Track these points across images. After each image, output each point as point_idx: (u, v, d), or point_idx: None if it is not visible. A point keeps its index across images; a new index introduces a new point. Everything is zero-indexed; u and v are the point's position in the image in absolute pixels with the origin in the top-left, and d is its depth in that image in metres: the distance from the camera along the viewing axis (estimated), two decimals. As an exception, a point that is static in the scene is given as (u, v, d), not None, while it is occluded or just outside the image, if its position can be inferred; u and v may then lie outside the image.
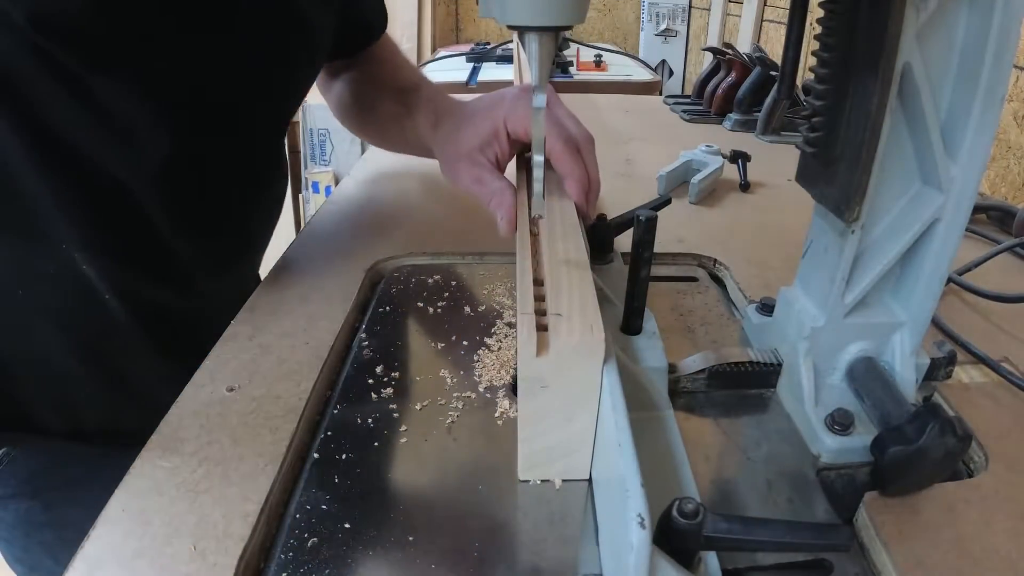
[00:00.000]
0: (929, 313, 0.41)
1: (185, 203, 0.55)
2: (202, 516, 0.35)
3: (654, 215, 0.42)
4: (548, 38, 0.33)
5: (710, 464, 0.41)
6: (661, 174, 0.83)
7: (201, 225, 0.58)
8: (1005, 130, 1.00)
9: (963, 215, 0.38)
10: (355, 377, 0.48)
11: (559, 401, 0.35)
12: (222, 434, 0.41)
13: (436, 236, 0.69)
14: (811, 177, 0.41)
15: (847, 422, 0.41)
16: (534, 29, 0.32)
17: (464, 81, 1.91)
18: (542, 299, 0.37)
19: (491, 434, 0.43)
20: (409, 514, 0.37)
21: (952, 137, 0.36)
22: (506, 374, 0.48)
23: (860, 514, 0.36)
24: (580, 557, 0.34)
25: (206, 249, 0.59)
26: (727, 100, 1.22)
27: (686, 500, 0.29)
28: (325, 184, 2.72)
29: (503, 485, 0.39)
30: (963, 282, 0.60)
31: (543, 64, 0.34)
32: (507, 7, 0.31)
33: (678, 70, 2.63)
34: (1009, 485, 0.39)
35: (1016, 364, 0.50)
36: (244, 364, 0.48)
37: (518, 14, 0.31)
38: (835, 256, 0.41)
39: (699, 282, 0.64)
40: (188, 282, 0.60)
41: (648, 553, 0.27)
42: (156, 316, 0.58)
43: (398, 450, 0.41)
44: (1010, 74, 0.34)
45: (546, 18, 0.31)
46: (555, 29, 0.33)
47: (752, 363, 0.47)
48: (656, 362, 0.44)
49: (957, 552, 0.34)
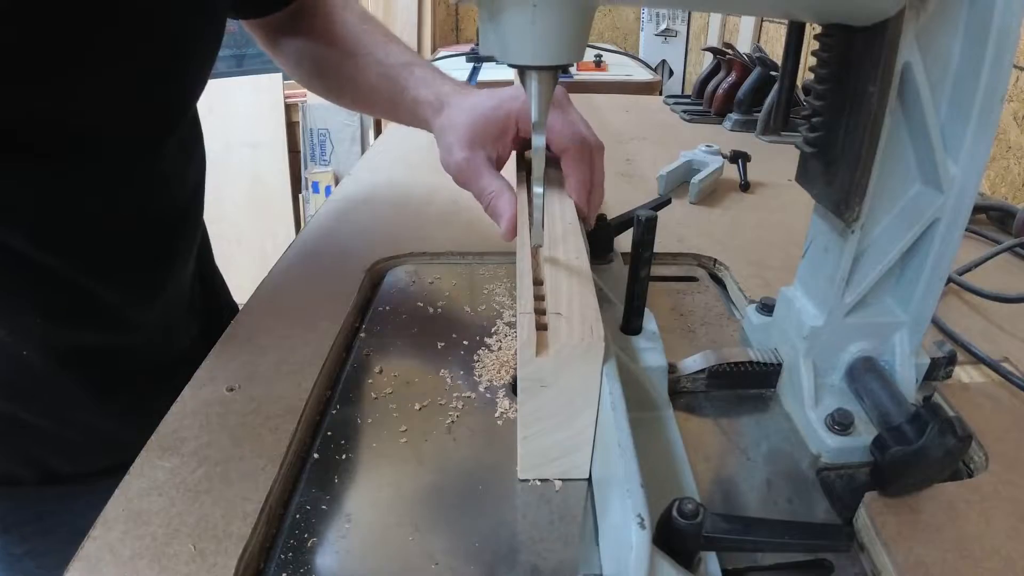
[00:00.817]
0: (929, 313, 0.41)
1: (78, 242, 0.50)
2: (202, 516, 0.35)
3: (654, 215, 0.42)
4: (547, 76, 0.34)
5: (710, 464, 0.41)
6: (661, 174, 0.83)
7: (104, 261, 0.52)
8: (1005, 130, 1.00)
9: (963, 215, 0.38)
10: (355, 377, 0.48)
11: (559, 401, 0.35)
12: (222, 434, 0.41)
13: (436, 236, 0.69)
14: (811, 177, 0.41)
15: (847, 422, 0.41)
16: (534, 68, 0.33)
17: (464, 81, 1.91)
18: (542, 299, 0.37)
19: (491, 434, 0.43)
20: (409, 514, 0.37)
21: (952, 137, 0.36)
22: (506, 374, 0.48)
23: (860, 514, 0.36)
24: (580, 557, 0.34)
25: (120, 283, 0.54)
26: (727, 100, 1.22)
27: (686, 500, 0.29)
28: (325, 184, 2.72)
29: (503, 485, 0.39)
30: (963, 282, 0.60)
31: (542, 102, 0.35)
32: (507, 47, 0.32)
33: (678, 70, 2.63)
34: (1009, 485, 0.39)
35: (1016, 364, 0.50)
36: (244, 364, 0.48)
37: (518, 55, 0.32)
38: (835, 256, 0.41)
39: (699, 282, 0.64)
40: (109, 320, 0.55)
41: (648, 553, 0.27)
42: (81, 361, 0.54)
43: (398, 450, 0.41)
44: (1010, 74, 0.34)
45: (545, 58, 0.32)
46: (554, 68, 0.33)
47: (752, 363, 0.47)
48: (656, 362, 0.44)
49: (957, 552, 0.34)
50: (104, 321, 0.54)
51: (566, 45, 0.31)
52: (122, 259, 0.54)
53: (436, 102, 0.57)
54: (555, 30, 0.31)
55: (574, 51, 0.32)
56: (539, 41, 0.31)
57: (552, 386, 0.35)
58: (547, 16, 0.30)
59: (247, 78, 2.69)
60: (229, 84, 2.69)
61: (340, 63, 0.65)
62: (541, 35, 0.31)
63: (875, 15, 0.32)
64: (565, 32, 0.31)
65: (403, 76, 0.60)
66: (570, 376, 0.35)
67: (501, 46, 0.32)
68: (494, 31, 0.32)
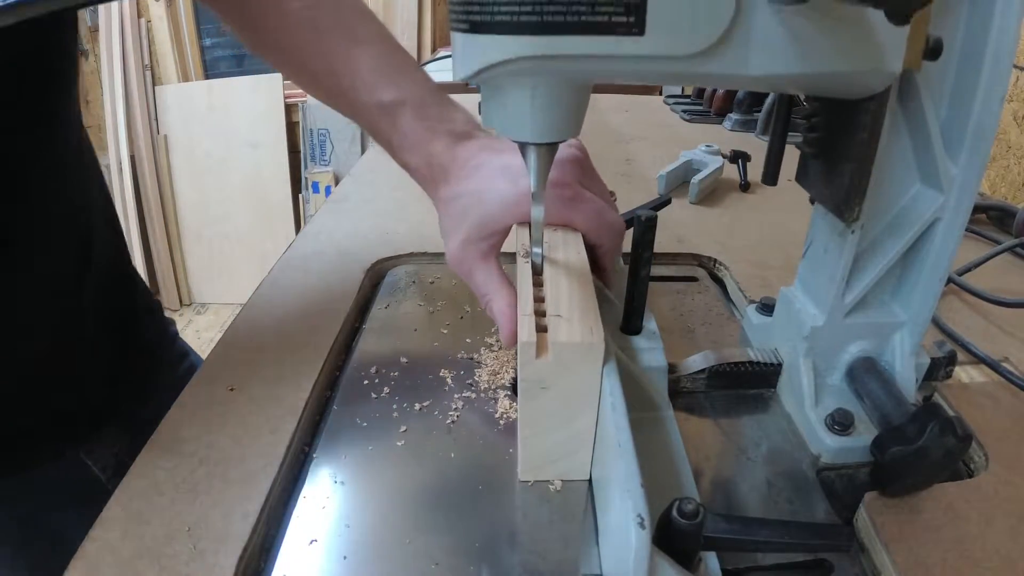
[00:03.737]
0: (929, 313, 0.41)
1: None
2: (202, 516, 0.35)
3: (654, 215, 0.42)
4: (546, 151, 0.35)
5: (710, 464, 0.41)
6: (661, 174, 0.83)
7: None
8: (1005, 130, 1.00)
9: (963, 215, 0.38)
10: (355, 377, 0.48)
11: (559, 402, 0.35)
12: (222, 434, 0.41)
13: (436, 236, 0.69)
14: (811, 177, 0.41)
15: (847, 422, 0.41)
16: (533, 144, 0.34)
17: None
18: (542, 300, 0.37)
19: (491, 434, 0.43)
20: (409, 514, 0.37)
21: (952, 137, 0.36)
22: (506, 374, 0.48)
23: (860, 514, 0.36)
24: (580, 557, 0.34)
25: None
26: (727, 100, 1.22)
27: (686, 500, 0.29)
28: (325, 184, 2.72)
29: (503, 485, 0.39)
30: (963, 283, 0.60)
31: (541, 175, 0.36)
32: (508, 123, 0.33)
33: (678, 70, 2.63)
34: (1009, 485, 0.39)
35: (1016, 364, 0.50)
36: (244, 364, 0.48)
37: (518, 131, 0.33)
38: (835, 256, 0.41)
39: (699, 282, 0.64)
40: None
41: (648, 553, 0.27)
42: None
43: (398, 451, 0.41)
44: (1010, 74, 0.34)
45: (544, 135, 0.33)
46: (552, 144, 0.34)
47: (752, 363, 0.47)
48: (656, 362, 0.44)
49: (957, 552, 0.34)
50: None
51: (564, 123, 0.33)
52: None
53: (429, 174, 0.48)
54: (553, 110, 0.32)
55: (571, 128, 0.34)
56: (538, 120, 0.32)
57: (552, 387, 0.35)
58: (545, 97, 0.31)
59: (247, 78, 2.69)
60: (229, 84, 2.70)
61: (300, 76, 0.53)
62: (540, 114, 0.32)
63: (862, 94, 0.34)
64: (562, 111, 0.32)
65: (384, 129, 0.49)
66: (570, 377, 0.35)
67: (501, 121, 0.33)
68: (495, 108, 0.33)
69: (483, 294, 0.44)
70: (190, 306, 2.88)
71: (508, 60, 0.28)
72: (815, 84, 0.34)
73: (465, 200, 0.45)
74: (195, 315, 2.83)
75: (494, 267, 0.44)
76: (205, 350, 0.53)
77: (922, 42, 0.32)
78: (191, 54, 2.77)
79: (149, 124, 2.64)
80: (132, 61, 2.57)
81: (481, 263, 0.44)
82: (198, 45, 2.79)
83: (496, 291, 0.43)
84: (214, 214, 2.79)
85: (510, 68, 0.28)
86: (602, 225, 0.45)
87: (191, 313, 2.84)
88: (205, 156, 2.72)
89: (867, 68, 0.31)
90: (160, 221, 2.73)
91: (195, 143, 2.72)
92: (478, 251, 0.44)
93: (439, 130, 0.48)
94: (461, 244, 0.45)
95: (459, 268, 0.45)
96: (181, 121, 2.70)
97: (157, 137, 2.69)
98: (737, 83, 0.32)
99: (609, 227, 0.45)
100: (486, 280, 0.44)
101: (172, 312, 2.82)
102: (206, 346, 2.45)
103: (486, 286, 0.44)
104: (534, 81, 0.31)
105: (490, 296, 0.43)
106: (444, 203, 0.47)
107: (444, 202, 0.47)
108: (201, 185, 2.76)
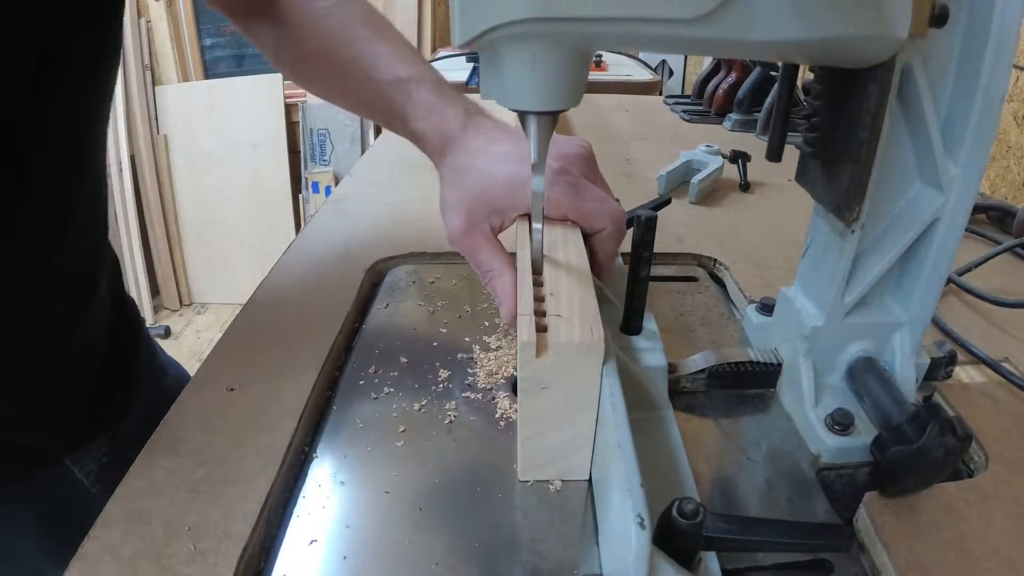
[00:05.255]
0: (929, 313, 0.41)
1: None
2: (202, 516, 0.35)
3: (654, 215, 0.42)
4: (546, 120, 0.35)
5: (710, 464, 0.41)
6: (661, 174, 0.83)
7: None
8: (1005, 130, 1.00)
9: (963, 215, 0.38)
10: (355, 377, 0.48)
11: (559, 402, 0.35)
12: (222, 434, 0.41)
13: (436, 236, 0.69)
14: (811, 177, 0.41)
15: (847, 422, 0.41)
16: (533, 113, 0.34)
17: (464, 81, 1.91)
18: (542, 300, 0.37)
19: (491, 434, 0.43)
20: (409, 514, 0.37)
21: (952, 137, 0.36)
22: (506, 374, 0.48)
23: (860, 514, 0.36)
24: (580, 557, 0.34)
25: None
26: (727, 100, 1.22)
27: (686, 500, 0.29)
28: (325, 184, 2.72)
29: (503, 485, 0.39)
30: (963, 284, 0.60)
31: (541, 145, 0.35)
32: (507, 92, 0.33)
33: (678, 70, 2.64)
34: (1009, 485, 0.39)
35: (1016, 364, 0.50)
36: (244, 364, 0.48)
37: (518, 100, 0.33)
38: (835, 256, 0.41)
39: (699, 282, 0.64)
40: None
41: (648, 553, 0.27)
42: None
43: (398, 450, 0.41)
44: (1010, 74, 0.34)
45: (545, 104, 0.33)
46: (553, 113, 0.34)
47: (752, 363, 0.47)
48: (656, 362, 0.44)
49: (957, 552, 0.34)
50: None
51: (564, 91, 0.33)
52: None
53: (439, 142, 0.49)
54: (554, 77, 0.32)
55: (572, 97, 0.33)
56: (538, 88, 0.32)
57: (552, 387, 0.35)
58: (546, 64, 0.31)
59: (247, 78, 2.69)
60: (229, 84, 2.70)
61: (319, 66, 0.56)
62: (540, 82, 0.32)
63: (868, 61, 0.33)
64: (563, 79, 0.32)
65: (398, 100, 0.51)
66: (570, 377, 0.35)
67: (500, 90, 0.33)
68: (494, 77, 0.33)
69: (486, 271, 0.45)
70: (190, 306, 2.88)
71: (511, 22, 0.28)
72: (820, 51, 0.34)
73: (473, 175, 0.46)
74: (195, 315, 2.83)
75: (498, 245, 0.46)
76: (205, 350, 0.53)
77: (928, 8, 0.31)
78: (191, 54, 2.77)
79: (149, 124, 2.64)
80: (132, 61, 2.57)
81: (485, 241, 0.45)
82: (198, 45, 2.79)
83: (499, 269, 0.44)
84: (214, 214, 2.79)
85: (512, 31, 0.28)
86: (604, 209, 0.45)
87: (191, 313, 2.84)
88: (205, 156, 2.72)
89: (873, 33, 0.30)
90: (160, 221, 2.73)
91: (195, 143, 2.72)
92: (482, 229, 0.45)
93: (454, 103, 0.50)
94: (465, 220, 0.45)
95: (462, 245, 0.46)
96: (181, 121, 2.70)
97: (157, 137, 2.69)
98: (741, 50, 0.31)
99: (611, 211, 0.46)
100: (490, 258, 0.45)
101: (172, 312, 2.82)
102: (206, 346, 2.46)
103: (490, 263, 0.45)
104: (535, 47, 0.30)
105: (493, 273, 0.45)
106: (450, 172, 0.48)
107: (450, 171, 0.48)
108: (201, 185, 2.76)
